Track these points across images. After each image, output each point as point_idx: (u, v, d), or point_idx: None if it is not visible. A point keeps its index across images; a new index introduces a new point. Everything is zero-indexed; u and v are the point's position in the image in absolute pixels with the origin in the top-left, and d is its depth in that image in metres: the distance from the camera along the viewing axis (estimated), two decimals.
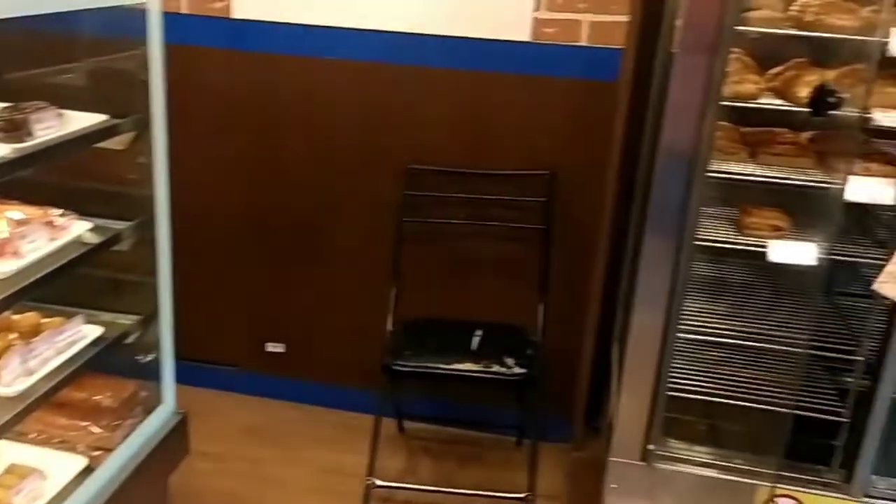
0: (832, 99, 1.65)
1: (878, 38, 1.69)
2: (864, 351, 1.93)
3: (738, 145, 2.01)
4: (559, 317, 2.60)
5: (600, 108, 2.37)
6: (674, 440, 2.14)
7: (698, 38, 1.75)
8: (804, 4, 1.82)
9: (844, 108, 1.75)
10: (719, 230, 2.03)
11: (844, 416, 1.96)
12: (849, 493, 1.96)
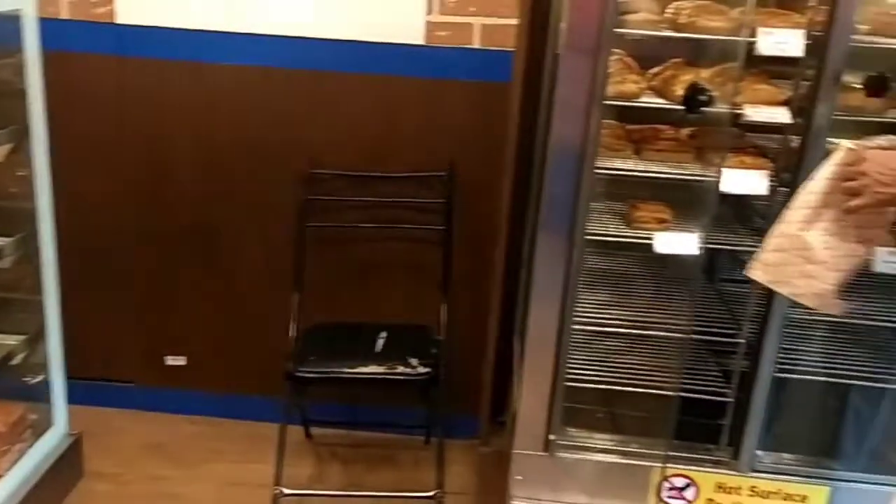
0: (703, 97, 1.75)
1: (746, 38, 1.80)
2: (746, 333, 2.04)
3: (623, 142, 2.09)
4: (463, 315, 2.64)
5: (495, 109, 2.42)
6: (574, 429, 2.21)
7: (581, 40, 1.82)
8: (678, 7, 1.92)
9: (716, 105, 1.86)
10: (609, 224, 2.11)
11: (730, 396, 2.07)
12: (737, 469, 2.07)
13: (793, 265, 1.59)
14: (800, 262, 1.58)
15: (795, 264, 1.58)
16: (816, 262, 1.56)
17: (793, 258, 1.58)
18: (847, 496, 2.03)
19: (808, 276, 1.57)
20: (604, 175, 2.01)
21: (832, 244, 1.55)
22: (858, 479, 2.04)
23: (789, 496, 2.03)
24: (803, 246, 1.57)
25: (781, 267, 1.60)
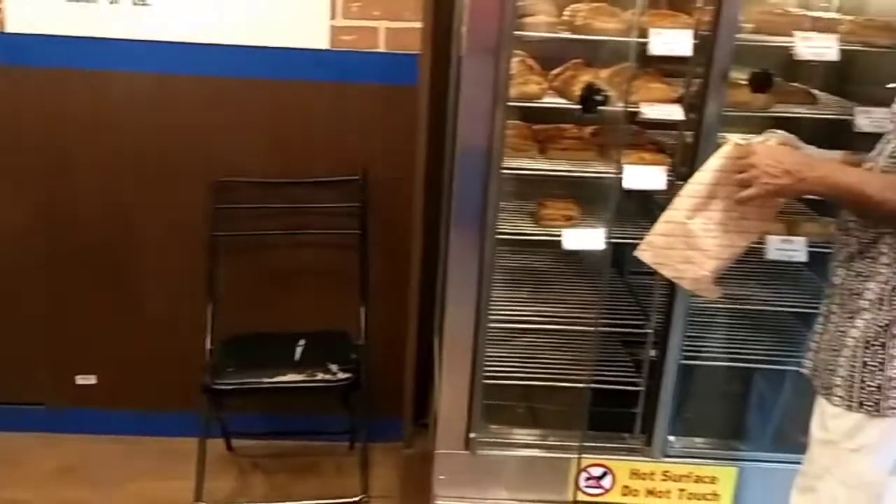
0: (599, 97, 1.80)
1: (638, 39, 1.87)
2: (653, 324, 2.12)
3: (529, 142, 2.14)
4: (383, 318, 2.64)
5: (404, 112, 2.43)
6: (496, 426, 2.24)
7: (481, 42, 1.85)
8: (574, 10, 1.97)
9: (613, 104, 1.92)
10: (519, 223, 2.15)
11: (641, 385, 2.14)
12: (650, 455, 2.14)
13: (676, 249, 1.65)
14: (683, 248, 1.64)
15: (679, 249, 1.65)
16: (698, 248, 1.63)
17: (677, 243, 1.65)
18: (754, 475, 2.12)
19: (688, 262, 1.64)
20: (511, 175, 2.05)
21: (714, 233, 1.62)
22: (764, 458, 2.14)
23: (700, 478, 2.11)
24: (687, 233, 1.63)
25: (666, 250, 1.66)
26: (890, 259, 1.50)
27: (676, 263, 1.65)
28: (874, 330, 1.51)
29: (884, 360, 1.51)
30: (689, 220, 1.62)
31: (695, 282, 1.65)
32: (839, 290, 1.60)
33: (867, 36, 1.87)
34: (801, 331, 2.11)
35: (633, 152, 2.01)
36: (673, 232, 1.65)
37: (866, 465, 1.57)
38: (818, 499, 1.64)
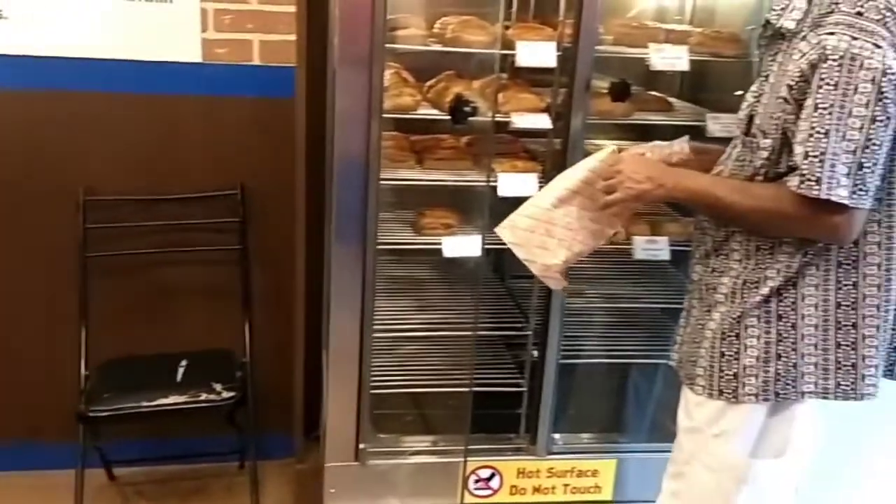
0: (467, 108, 1.85)
1: (506, 51, 1.94)
2: (532, 326, 2.19)
3: (406, 153, 2.17)
4: (270, 333, 2.61)
5: (282, 125, 2.41)
6: (385, 435, 2.26)
7: (353, 55, 1.87)
8: (444, 23, 2.02)
9: (483, 114, 1.98)
10: (400, 232, 2.18)
11: (524, 385, 2.20)
12: (535, 454, 2.21)
13: (535, 234, 1.71)
14: (541, 234, 1.70)
15: (538, 234, 1.71)
16: (554, 237, 1.70)
17: (538, 228, 1.70)
18: (632, 465, 2.22)
19: (543, 248, 1.70)
20: (390, 185, 2.08)
21: (572, 227, 1.69)
22: (641, 449, 2.24)
23: (582, 472, 2.19)
24: (549, 220, 1.70)
25: (526, 233, 1.72)
26: (741, 255, 1.61)
27: (532, 247, 1.70)
28: (729, 322, 1.61)
29: (739, 350, 1.61)
30: (554, 208, 1.68)
31: (544, 268, 1.70)
32: (698, 285, 1.71)
33: (715, 47, 2.00)
34: (669, 326, 2.23)
35: (507, 160, 2.08)
36: (536, 216, 1.70)
37: (728, 449, 1.67)
38: (686, 483, 1.73)
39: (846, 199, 1.37)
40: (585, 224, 1.68)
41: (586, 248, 1.71)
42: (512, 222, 1.73)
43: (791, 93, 1.43)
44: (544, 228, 1.69)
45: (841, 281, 1.54)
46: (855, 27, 1.35)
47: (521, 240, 1.71)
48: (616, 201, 1.66)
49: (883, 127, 1.37)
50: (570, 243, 1.68)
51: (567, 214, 1.68)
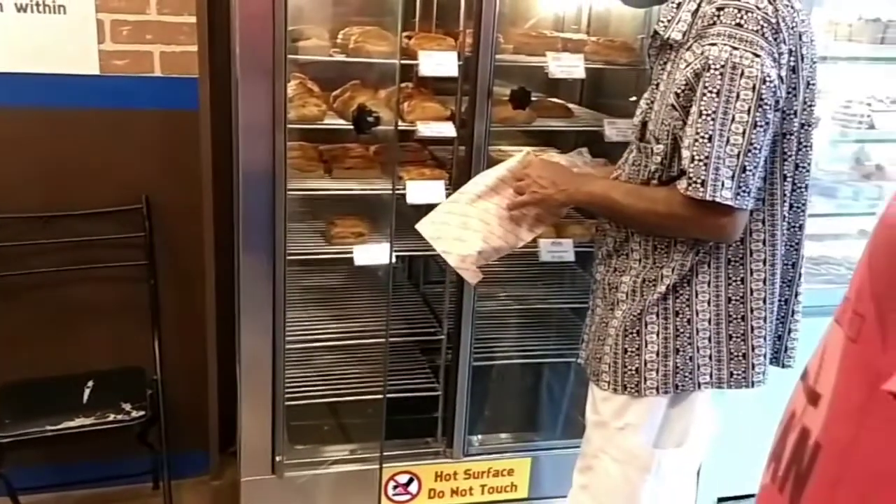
0: (370, 118, 1.87)
1: (410, 61, 1.97)
2: (445, 330, 2.22)
3: (315, 163, 2.17)
4: (181, 349, 2.55)
5: (187, 137, 2.37)
6: (303, 446, 2.25)
7: (255, 65, 1.86)
8: (347, 33, 2.03)
9: (387, 123, 2.00)
10: (310, 242, 2.18)
11: (439, 390, 2.23)
12: (452, 457, 2.24)
13: (451, 227, 1.75)
14: (458, 227, 1.75)
15: (453, 226, 1.75)
16: (469, 228, 1.74)
17: (455, 220, 1.75)
18: (547, 462, 2.28)
19: (459, 240, 1.75)
20: (298, 195, 2.07)
21: (489, 221, 1.74)
22: (555, 445, 2.30)
23: (498, 472, 2.23)
24: (465, 213, 1.75)
25: (443, 226, 1.76)
26: (640, 255, 1.68)
27: (450, 239, 1.75)
28: (630, 319, 1.68)
29: (640, 346, 1.68)
30: (471, 203, 1.73)
31: (461, 259, 1.74)
32: (601, 284, 1.77)
33: (608, 55, 2.08)
34: (578, 324, 2.29)
35: (414, 168, 2.11)
36: (452, 211, 1.76)
37: (633, 441, 1.74)
38: (595, 476, 1.80)
39: (730, 200, 1.45)
40: (504, 222, 1.73)
41: (504, 245, 1.75)
42: (430, 218, 1.78)
43: (678, 100, 1.51)
44: (461, 221, 1.74)
45: (731, 277, 1.63)
46: (735, 38, 1.43)
47: (439, 233, 1.75)
48: (521, 203, 1.72)
49: (763, 132, 1.45)
50: (486, 236, 1.73)
51: (485, 210, 1.73)
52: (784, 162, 1.58)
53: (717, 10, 1.45)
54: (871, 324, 0.61)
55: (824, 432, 0.65)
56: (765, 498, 0.73)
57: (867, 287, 0.63)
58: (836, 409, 0.64)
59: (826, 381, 0.66)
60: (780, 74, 1.46)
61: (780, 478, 0.70)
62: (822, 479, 0.64)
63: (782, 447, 0.71)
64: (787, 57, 1.47)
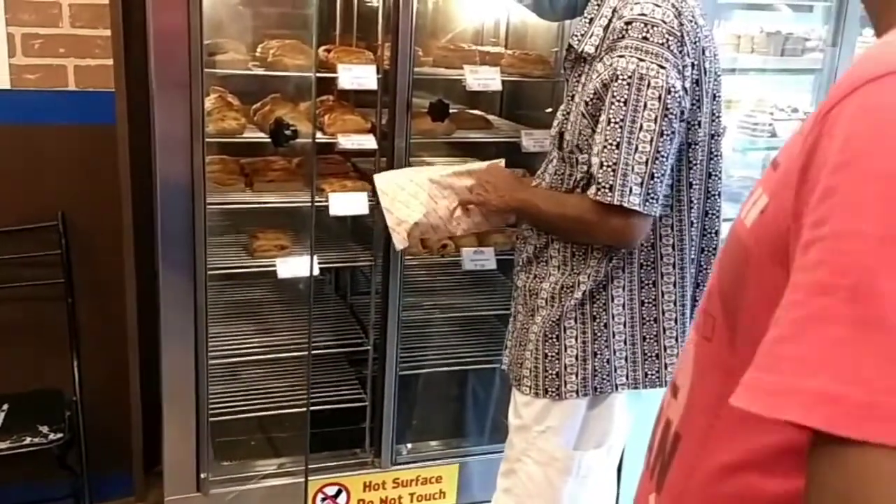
0: (288, 131, 1.88)
1: (329, 74, 1.98)
2: (372, 340, 2.23)
3: (236, 176, 2.16)
4: (102, 368, 2.49)
5: (105, 152, 2.32)
6: (230, 462, 2.22)
7: (171, 79, 1.85)
8: (266, 47, 2.04)
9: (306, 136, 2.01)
10: (233, 256, 2.16)
11: (367, 400, 2.24)
12: (380, 466, 2.24)
13: (403, 192, 1.78)
14: (408, 195, 1.78)
15: (405, 193, 1.78)
16: (417, 200, 1.77)
17: (409, 188, 1.79)
18: (474, 467, 2.31)
19: (405, 205, 1.78)
20: (219, 209, 2.06)
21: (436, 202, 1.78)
22: (482, 451, 2.33)
23: (427, 480, 2.25)
24: (420, 187, 1.78)
25: (397, 188, 1.79)
26: (559, 262, 1.73)
27: (396, 200, 1.78)
28: (549, 324, 1.72)
29: (560, 351, 1.72)
30: (430, 181, 1.77)
31: (397, 222, 1.77)
32: (522, 291, 1.81)
33: (524, 68, 2.14)
34: (503, 331, 2.34)
35: (337, 180, 2.12)
36: (413, 179, 1.79)
37: (554, 443, 1.78)
38: (518, 479, 1.83)
39: (638, 205, 1.51)
40: (448, 210, 1.77)
41: (441, 227, 1.79)
42: (390, 175, 1.81)
43: (588, 109, 1.56)
44: (414, 190, 1.77)
45: (643, 281, 1.69)
46: (642, 50, 1.49)
47: (390, 190, 1.78)
48: (467, 200, 1.77)
49: (669, 140, 1.52)
50: (429, 212, 1.76)
51: (439, 193, 1.77)
52: (690, 170, 1.65)
53: (626, 24, 1.51)
54: (720, 324, 0.65)
55: (682, 423, 0.69)
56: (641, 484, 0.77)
57: (716, 288, 0.68)
58: (693, 403, 0.69)
59: (685, 375, 0.71)
60: (684, 86, 1.53)
61: (651, 465, 0.74)
62: (679, 467, 0.68)
63: (654, 437, 0.76)
64: (690, 70, 1.54)
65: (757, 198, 0.63)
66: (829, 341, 0.47)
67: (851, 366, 0.46)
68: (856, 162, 0.50)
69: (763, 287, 0.58)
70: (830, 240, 0.50)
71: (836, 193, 0.50)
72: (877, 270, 0.47)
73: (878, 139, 0.49)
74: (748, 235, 0.62)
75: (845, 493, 0.45)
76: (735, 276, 0.63)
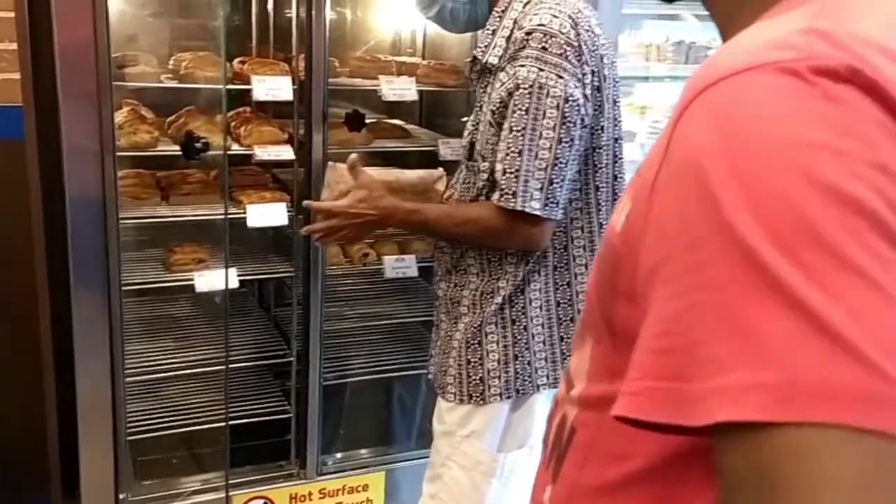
0: (198, 143, 1.86)
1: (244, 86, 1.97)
2: (295, 351, 2.22)
3: (151, 190, 2.12)
4: (16, 391, 2.41)
5: (14, 168, 2.26)
6: (152, 481, 2.18)
7: (78, 92, 1.81)
8: (179, 59, 2.02)
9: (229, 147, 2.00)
10: (150, 271, 2.12)
11: (291, 411, 2.23)
12: (306, 477, 2.23)
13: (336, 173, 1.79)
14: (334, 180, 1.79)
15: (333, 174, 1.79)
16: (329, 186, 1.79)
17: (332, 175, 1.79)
18: (402, 474, 2.31)
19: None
20: (134, 224, 2.03)
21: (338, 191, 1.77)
22: (409, 457, 2.34)
23: (353, 489, 2.25)
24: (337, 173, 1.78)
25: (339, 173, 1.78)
26: (477, 269, 1.75)
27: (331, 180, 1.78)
28: (471, 331, 1.75)
29: (482, 356, 1.75)
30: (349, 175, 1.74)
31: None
32: (444, 300, 1.83)
33: (438, 78, 2.17)
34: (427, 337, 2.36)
35: (255, 192, 2.11)
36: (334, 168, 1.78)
37: (478, 446, 1.80)
38: (443, 484, 1.85)
39: (539, 210, 1.56)
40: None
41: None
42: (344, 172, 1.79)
43: (494, 118, 1.60)
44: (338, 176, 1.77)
45: (558, 282, 1.73)
46: (541, 60, 1.54)
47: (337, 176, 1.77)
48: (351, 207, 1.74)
49: (568, 147, 1.57)
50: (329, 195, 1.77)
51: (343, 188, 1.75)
52: (596, 174, 1.70)
53: (526, 34, 1.56)
54: (601, 325, 0.68)
55: (577, 418, 0.72)
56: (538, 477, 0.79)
57: (593, 290, 0.71)
58: (585, 398, 0.72)
59: (580, 369, 0.73)
60: (584, 94, 1.58)
61: (547, 458, 0.77)
62: (573, 460, 0.71)
63: (549, 431, 0.78)
64: (590, 77, 1.60)
65: (624, 203, 0.65)
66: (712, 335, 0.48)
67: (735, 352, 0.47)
68: (694, 164, 0.53)
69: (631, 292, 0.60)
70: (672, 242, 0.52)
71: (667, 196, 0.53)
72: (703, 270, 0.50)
73: (715, 143, 0.52)
74: (618, 240, 0.64)
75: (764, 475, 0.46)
76: (607, 279, 0.66)
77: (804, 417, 0.45)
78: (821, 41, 0.52)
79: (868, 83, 0.50)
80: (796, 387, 0.45)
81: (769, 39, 0.54)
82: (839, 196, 0.47)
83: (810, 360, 0.45)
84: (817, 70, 0.50)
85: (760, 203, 0.48)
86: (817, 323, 0.45)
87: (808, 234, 0.47)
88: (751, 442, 0.47)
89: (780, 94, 0.50)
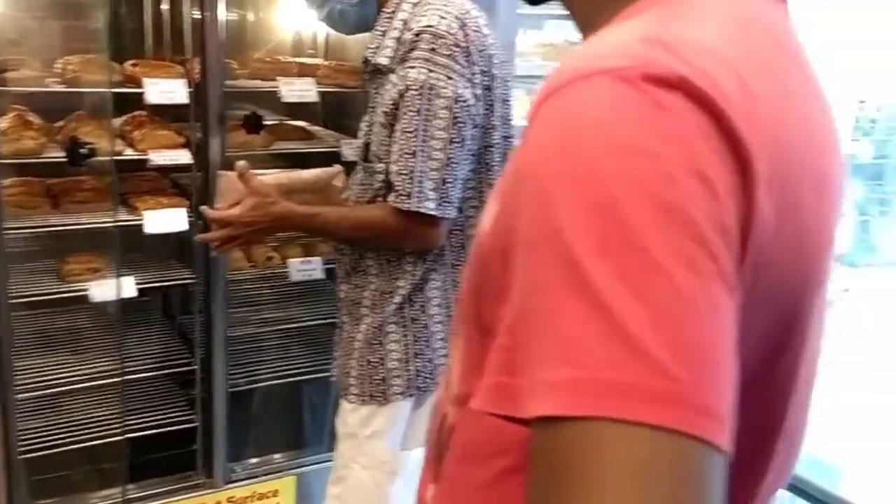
0: (84, 149, 1.81)
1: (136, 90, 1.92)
2: (199, 359, 2.18)
3: (40, 198, 2.05)
4: None
5: None
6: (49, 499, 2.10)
7: None
8: (66, 62, 1.95)
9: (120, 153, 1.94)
10: (42, 282, 2.05)
11: (197, 421, 2.18)
12: (214, 487, 2.19)
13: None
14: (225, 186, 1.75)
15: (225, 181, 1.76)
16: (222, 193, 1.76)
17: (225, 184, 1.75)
18: (313, 478, 2.29)
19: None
20: (22, 234, 1.95)
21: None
22: (320, 460, 2.32)
23: (263, 495, 2.22)
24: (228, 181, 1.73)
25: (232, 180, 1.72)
26: (376, 270, 1.75)
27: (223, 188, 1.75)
28: (372, 331, 1.75)
29: (383, 356, 1.75)
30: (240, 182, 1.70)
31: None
32: (345, 301, 1.83)
33: (338, 79, 2.16)
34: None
35: (152, 198, 2.06)
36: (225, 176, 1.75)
37: (381, 446, 1.81)
38: (347, 485, 1.85)
39: (433, 210, 1.57)
40: None
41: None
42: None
43: (387, 119, 1.61)
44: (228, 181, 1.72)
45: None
46: (431, 62, 1.55)
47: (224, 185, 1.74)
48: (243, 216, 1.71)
49: (460, 147, 1.59)
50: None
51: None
52: (489, 172, 1.73)
53: (416, 35, 1.57)
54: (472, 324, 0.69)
55: (455, 416, 0.73)
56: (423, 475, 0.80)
57: (465, 290, 0.72)
58: (461, 396, 0.73)
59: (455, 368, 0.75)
60: (474, 94, 1.60)
61: (429, 457, 0.78)
62: (452, 458, 0.72)
63: (432, 430, 0.80)
64: (480, 77, 1.62)
65: (493, 204, 0.67)
66: (546, 332, 0.50)
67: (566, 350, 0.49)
68: (532, 168, 0.55)
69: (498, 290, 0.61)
70: (525, 245, 0.54)
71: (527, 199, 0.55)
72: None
73: (550, 149, 0.54)
74: (486, 241, 0.66)
75: (552, 465, 0.48)
76: (476, 278, 0.68)
77: (589, 412, 0.47)
78: (657, 49, 0.54)
79: (696, 92, 0.52)
80: (588, 384, 0.48)
81: (615, 45, 0.57)
82: (656, 201, 0.49)
83: (604, 359, 0.48)
84: (648, 77, 0.52)
85: (585, 207, 0.50)
86: (615, 324, 0.48)
87: (621, 238, 0.49)
88: (548, 435, 0.49)
89: (611, 102, 0.53)
